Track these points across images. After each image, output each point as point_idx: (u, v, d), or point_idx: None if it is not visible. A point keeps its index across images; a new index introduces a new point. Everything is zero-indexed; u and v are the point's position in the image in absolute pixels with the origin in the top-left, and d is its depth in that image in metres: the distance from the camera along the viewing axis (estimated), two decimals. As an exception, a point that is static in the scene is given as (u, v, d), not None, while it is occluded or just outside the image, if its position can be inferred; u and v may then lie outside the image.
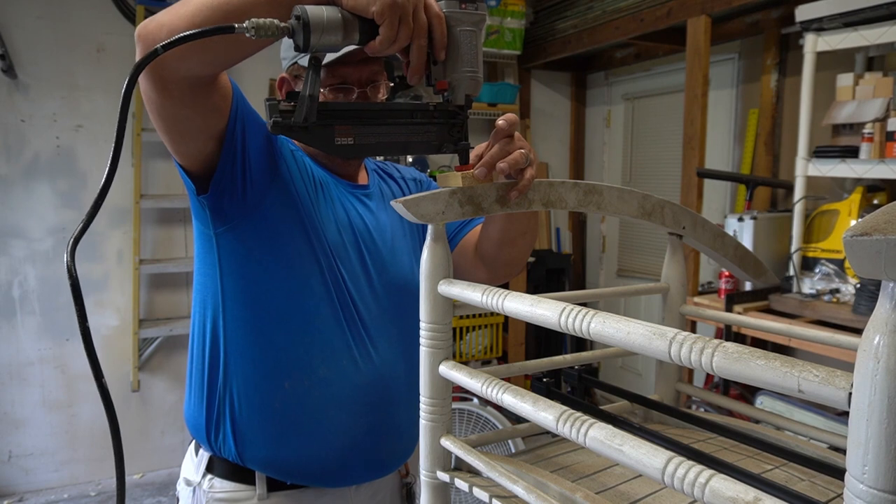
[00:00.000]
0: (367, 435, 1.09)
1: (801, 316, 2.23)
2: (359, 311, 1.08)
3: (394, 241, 1.16)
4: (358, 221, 1.11)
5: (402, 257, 1.17)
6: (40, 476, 3.12)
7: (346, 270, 1.07)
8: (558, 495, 0.70)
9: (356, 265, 1.09)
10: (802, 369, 0.43)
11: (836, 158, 2.23)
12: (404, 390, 1.13)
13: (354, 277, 1.08)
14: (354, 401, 1.07)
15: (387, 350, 1.11)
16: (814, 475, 0.82)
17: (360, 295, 1.09)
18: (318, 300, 1.04)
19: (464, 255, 1.21)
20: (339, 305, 1.06)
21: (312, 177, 1.09)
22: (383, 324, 1.11)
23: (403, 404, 1.13)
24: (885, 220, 0.38)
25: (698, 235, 1.03)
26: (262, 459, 1.06)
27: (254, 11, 0.74)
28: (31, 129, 2.97)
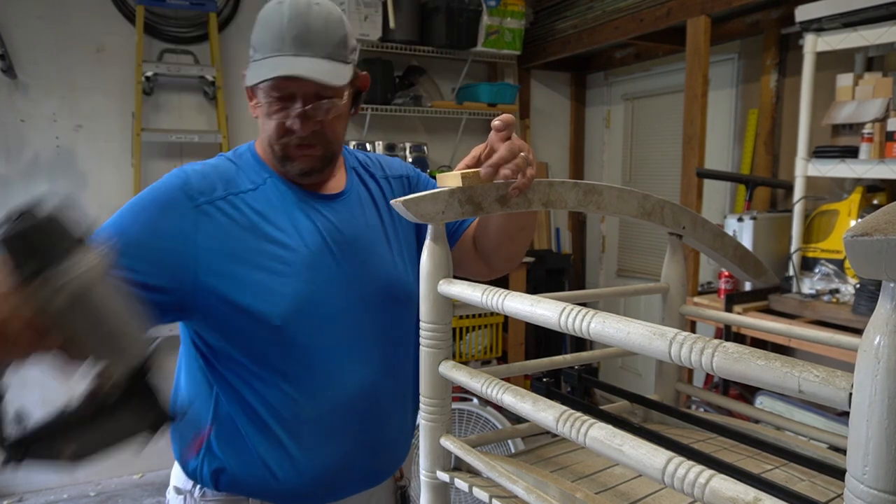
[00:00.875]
0: (361, 452, 1.07)
1: (801, 316, 2.23)
2: (340, 326, 1.03)
3: (374, 247, 1.10)
4: (328, 233, 1.04)
5: (383, 264, 1.10)
6: (40, 476, 3.11)
7: (319, 289, 1.01)
8: (558, 495, 0.70)
9: (330, 280, 1.03)
10: (803, 370, 0.43)
11: (835, 158, 2.23)
12: (394, 400, 1.10)
13: (329, 294, 1.02)
14: (346, 420, 1.04)
15: (373, 361, 1.06)
16: (814, 475, 0.82)
17: (337, 310, 1.03)
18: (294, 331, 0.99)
19: (465, 250, 1.19)
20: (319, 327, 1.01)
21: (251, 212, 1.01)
22: (367, 335, 1.06)
23: (395, 414, 1.11)
24: (886, 221, 0.38)
25: (698, 235, 1.03)
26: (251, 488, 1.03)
27: None
28: (31, 129, 2.97)
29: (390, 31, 3.25)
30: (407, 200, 0.77)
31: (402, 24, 3.28)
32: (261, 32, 1.00)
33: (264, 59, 0.98)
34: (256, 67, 0.99)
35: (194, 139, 3.13)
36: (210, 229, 0.97)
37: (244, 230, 0.99)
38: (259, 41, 1.00)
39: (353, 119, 1.22)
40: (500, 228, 1.11)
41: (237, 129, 3.32)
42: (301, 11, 0.98)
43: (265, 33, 0.99)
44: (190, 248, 0.95)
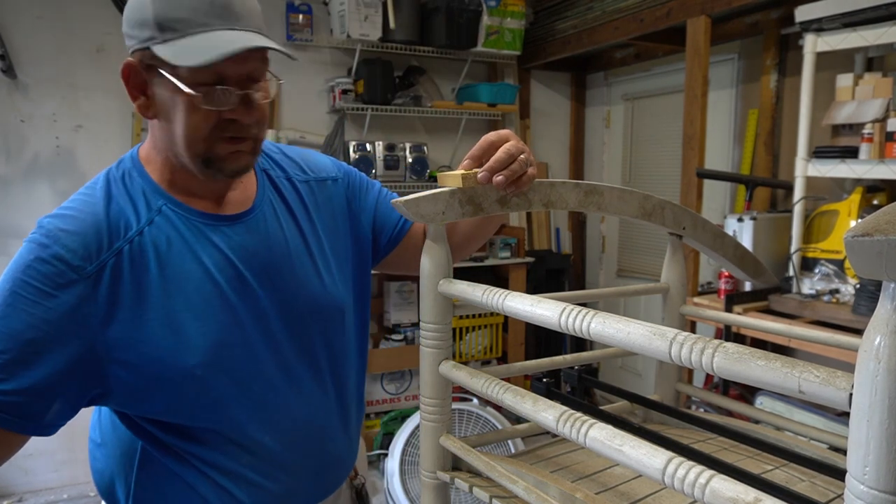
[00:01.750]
0: (308, 477, 1.00)
1: (801, 316, 2.23)
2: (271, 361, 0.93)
3: (294, 267, 0.97)
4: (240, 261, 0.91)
5: (307, 283, 0.97)
6: (40, 476, 3.11)
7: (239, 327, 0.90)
8: (558, 495, 0.70)
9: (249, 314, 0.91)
10: (803, 370, 0.43)
11: (835, 159, 2.23)
12: (339, 416, 1.04)
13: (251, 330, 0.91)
14: (291, 451, 0.96)
15: (312, 387, 0.98)
16: (814, 476, 0.82)
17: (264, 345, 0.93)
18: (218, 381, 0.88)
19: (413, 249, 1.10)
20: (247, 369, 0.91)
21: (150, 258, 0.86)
22: (302, 360, 0.97)
23: (339, 430, 1.04)
24: (886, 221, 0.38)
25: (698, 236, 1.04)
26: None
27: None
28: (31, 129, 2.97)
29: (390, 31, 3.25)
30: (407, 201, 0.77)
31: (402, 25, 3.28)
32: (169, 5, 0.80)
33: (191, 37, 0.80)
34: (182, 46, 0.80)
35: (194, 139, 3.12)
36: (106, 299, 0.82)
37: (143, 287, 0.84)
38: (168, 16, 0.80)
39: (353, 119, 1.19)
40: (470, 232, 1.11)
41: (237, 130, 3.32)
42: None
43: (176, 8, 0.80)
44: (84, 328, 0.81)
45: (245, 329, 0.90)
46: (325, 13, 3.39)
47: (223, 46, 0.80)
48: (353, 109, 3.32)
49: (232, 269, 0.90)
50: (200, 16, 0.81)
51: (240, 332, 0.90)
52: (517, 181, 0.84)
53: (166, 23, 0.80)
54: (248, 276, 0.91)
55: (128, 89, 0.87)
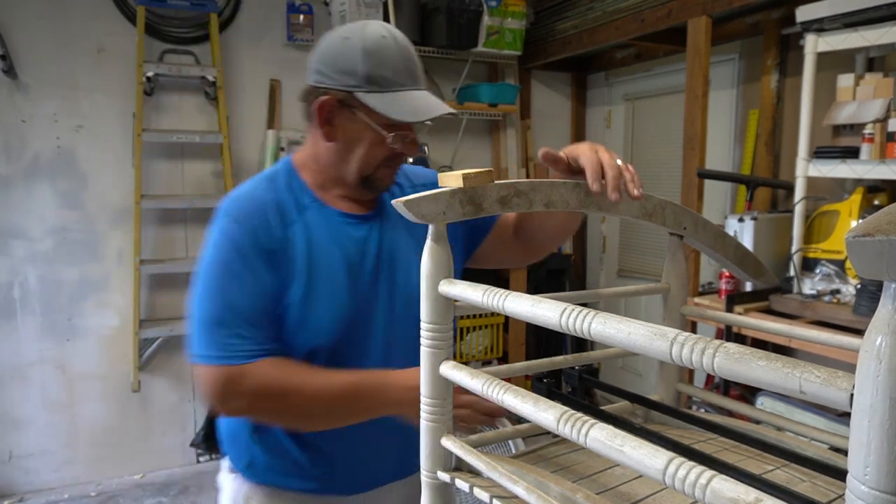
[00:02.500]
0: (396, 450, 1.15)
1: (802, 316, 2.23)
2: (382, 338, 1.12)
3: (410, 259, 1.14)
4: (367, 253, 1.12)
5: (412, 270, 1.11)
6: (40, 476, 3.11)
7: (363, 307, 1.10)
8: (559, 496, 0.70)
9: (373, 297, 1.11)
10: (804, 370, 0.42)
11: (836, 159, 2.23)
12: None
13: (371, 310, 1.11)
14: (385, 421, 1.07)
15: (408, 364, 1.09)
16: (815, 476, 0.81)
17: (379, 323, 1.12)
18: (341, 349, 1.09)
19: (503, 238, 1.26)
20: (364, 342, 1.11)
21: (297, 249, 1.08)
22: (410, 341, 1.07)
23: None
24: (888, 221, 0.38)
25: (699, 236, 1.03)
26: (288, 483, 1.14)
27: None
28: (32, 129, 2.97)
29: (391, 31, 3.25)
30: (408, 201, 0.77)
31: (402, 25, 3.28)
32: (379, 66, 1.05)
33: (394, 93, 1.06)
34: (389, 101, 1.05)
35: (195, 140, 3.13)
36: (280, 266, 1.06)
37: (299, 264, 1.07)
38: (377, 74, 1.05)
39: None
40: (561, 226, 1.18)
41: (237, 130, 3.32)
42: (406, 44, 1.09)
43: (384, 68, 1.05)
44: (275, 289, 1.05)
45: (362, 308, 1.10)
46: (325, 13, 3.39)
47: (424, 111, 1.07)
48: (354, 109, 3.31)
49: (358, 257, 1.11)
50: (398, 76, 1.06)
51: (358, 311, 1.10)
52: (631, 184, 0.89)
53: (373, 78, 1.05)
54: (373, 265, 1.12)
55: (318, 117, 1.09)
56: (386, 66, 1.05)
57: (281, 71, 3.39)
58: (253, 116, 3.37)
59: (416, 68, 1.09)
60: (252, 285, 1.03)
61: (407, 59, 1.08)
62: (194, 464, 3.40)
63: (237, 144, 3.32)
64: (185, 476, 3.28)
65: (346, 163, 1.10)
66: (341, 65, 1.05)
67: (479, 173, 0.82)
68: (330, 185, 1.14)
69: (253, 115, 3.37)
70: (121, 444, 3.25)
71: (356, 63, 1.04)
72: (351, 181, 1.12)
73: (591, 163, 0.89)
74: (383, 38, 1.06)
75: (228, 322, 1.02)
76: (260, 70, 3.36)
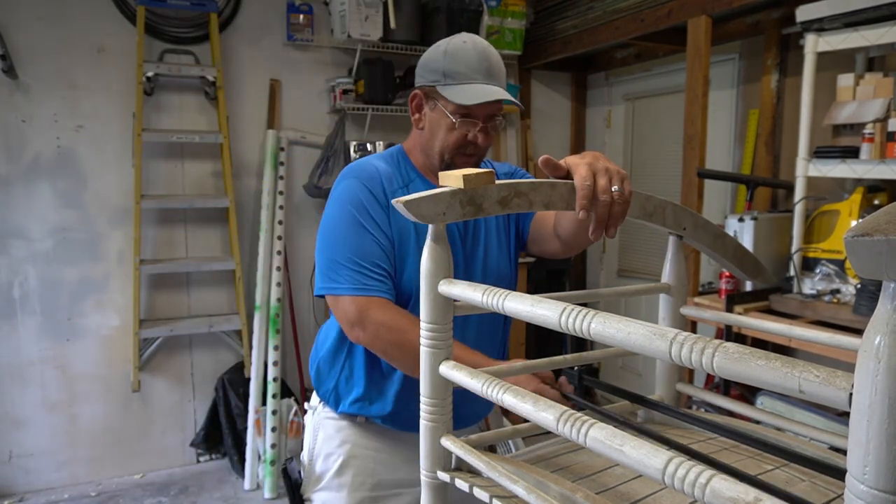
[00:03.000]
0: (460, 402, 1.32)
1: (802, 316, 2.23)
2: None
3: (489, 239, 1.36)
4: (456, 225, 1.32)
5: (492, 252, 1.37)
6: (41, 476, 3.12)
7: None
8: (559, 495, 0.70)
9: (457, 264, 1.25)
10: (803, 370, 0.43)
11: (836, 159, 2.23)
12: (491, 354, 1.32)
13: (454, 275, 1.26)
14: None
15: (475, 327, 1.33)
16: (814, 476, 0.82)
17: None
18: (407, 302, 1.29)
19: (544, 227, 1.37)
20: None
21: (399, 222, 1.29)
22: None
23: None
24: (887, 221, 0.38)
25: (699, 236, 1.04)
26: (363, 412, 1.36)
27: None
28: (32, 129, 2.97)
29: (391, 31, 3.25)
30: (408, 201, 0.77)
31: (402, 25, 3.28)
32: (453, 63, 1.26)
33: (464, 85, 1.25)
34: (458, 90, 1.25)
35: (195, 139, 3.13)
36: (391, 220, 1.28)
37: (400, 226, 1.28)
38: (452, 70, 1.26)
39: (354, 119, 1.35)
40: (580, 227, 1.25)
41: (238, 130, 3.32)
42: (485, 49, 1.28)
43: (458, 64, 1.25)
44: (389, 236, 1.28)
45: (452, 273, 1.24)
46: (325, 13, 3.39)
47: (480, 96, 1.24)
48: (354, 109, 3.32)
49: (452, 228, 1.31)
50: (472, 72, 1.26)
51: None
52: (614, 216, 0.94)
53: (450, 73, 1.26)
54: (459, 237, 1.33)
55: (411, 106, 1.35)
56: (461, 62, 1.25)
57: (281, 71, 3.39)
58: (253, 116, 3.37)
59: (491, 66, 1.27)
60: (373, 233, 1.25)
61: (482, 59, 1.26)
62: (194, 464, 3.40)
63: (237, 144, 3.32)
64: (185, 476, 3.28)
65: (432, 147, 1.32)
66: (430, 65, 1.29)
67: (480, 174, 0.82)
68: (428, 166, 1.36)
69: (253, 115, 3.37)
70: (121, 443, 3.25)
71: (439, 62, 1.27)
72: (437, 165, 1.32)
73: (584, 188, 0.90)
74: (464, 43, 1.27)
75: (357, 262, 1.23)
76: (260, 70, 3.36)
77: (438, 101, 1.29)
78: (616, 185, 0.91)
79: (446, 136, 1.29)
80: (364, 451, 1.37)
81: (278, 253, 3.27)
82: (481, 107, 1.26)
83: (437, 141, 1.30)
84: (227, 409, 3.28)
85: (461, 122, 1.27)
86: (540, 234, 1.40)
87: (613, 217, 0.92)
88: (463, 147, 1.29)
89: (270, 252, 3.26)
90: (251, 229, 3.38)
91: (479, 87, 1.25)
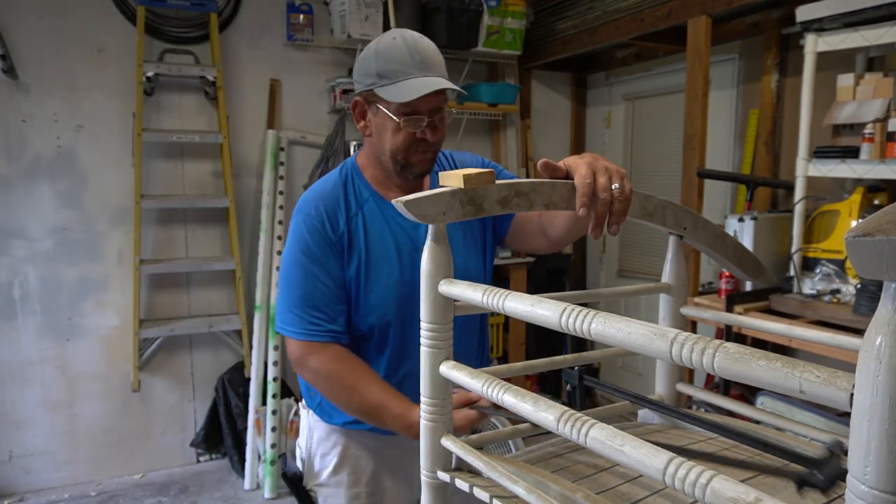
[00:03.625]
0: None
1: (802, 316, 2.23)
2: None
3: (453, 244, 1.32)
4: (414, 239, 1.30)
5: (459, 257, 1.31)
6: (41, 476, 3.12)
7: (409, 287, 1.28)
8: (559, 495, 0.70)
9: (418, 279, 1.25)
10: (804, 370, 0.43)
11: (836, 159, 2.23)
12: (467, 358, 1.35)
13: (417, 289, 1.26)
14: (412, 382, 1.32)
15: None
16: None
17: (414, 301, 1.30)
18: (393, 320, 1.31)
19: (526, 224, 1.36)
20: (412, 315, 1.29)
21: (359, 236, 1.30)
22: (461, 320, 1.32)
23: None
24: (888, 221, 0.38)
25: (699, 236, 1.03)
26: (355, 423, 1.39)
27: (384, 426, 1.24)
28: (32, 129, 2.97)
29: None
30: (408, 201, 0.77)
31: (402, 25, 3.28)
32: (386, 62, 1.22)
33: (400, 83, 1.21)
34: (395, 89, 1.20)
35: (195, 139, 3.13)
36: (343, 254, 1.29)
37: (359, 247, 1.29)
38: (386, 69, 1.21)
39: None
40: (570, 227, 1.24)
41: (238, 130, 3.32)
42: (416, 41, 1.23)
43: (391, 62, 1.21)
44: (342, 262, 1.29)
45: (413, 287, 1.23)
46: (325, 13, 3.39)
47: (418, 89, 1.19)
48: (354, 109, 3.31)
49: (409, 244, 1.31)
50: (406, 67, 1.21)
51: (409, 289, 1.28)
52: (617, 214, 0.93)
53: (383, 73, 1.22)
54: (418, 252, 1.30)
55: (354, 116, 1.32)
56: (393, 60, 1.21)
57: (281, 71, 3.39)
58: (253, 116, 3.37)
59: (425, 58, 1.22)
60: (319, 276, 1.27)
61: (414, 52, 1.21)
62: (194, 464, 3.40)
63: (237, 144, 3.31)
64: (185, 476, 3.28)
65: (383, 152, 1.29)
66: (364, 69, 1.25)
67: (480, 174, 0.82)
68: (385, 179, 1.34)
69: (253, 115, 3.37)
70: (121, 443, 3.25)
71: (371, 64, 1.23)
72: (391, 169, 1.30)
73: (583, 187, 0.90)
74: (393, 39, 1.23)
75: (303, 307, 1.27)
76: (260, 70, 3.36)
77: (379, 104, 1.25)
78: (616, 182, 0.91)
79: (394, 137, 1.25)
80: (357, 452, 1.40)
81: (278, 253, 3.26)
82: (422, 101, 1.21)
83: (386, 145, 1.27)
84: (227, 409, 3.28)
85: (406, 121, 1.23)
86: (522, 230, 1.39)
87: (615, 214, 0.92)
88: (413, 146, 1.26)
89: (270, 252, 3.26)
90: (251, 229, 3.38)
91: (417, 81, 1.20)
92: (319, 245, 1.27)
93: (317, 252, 1.27)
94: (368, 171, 1.35)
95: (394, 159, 1.27)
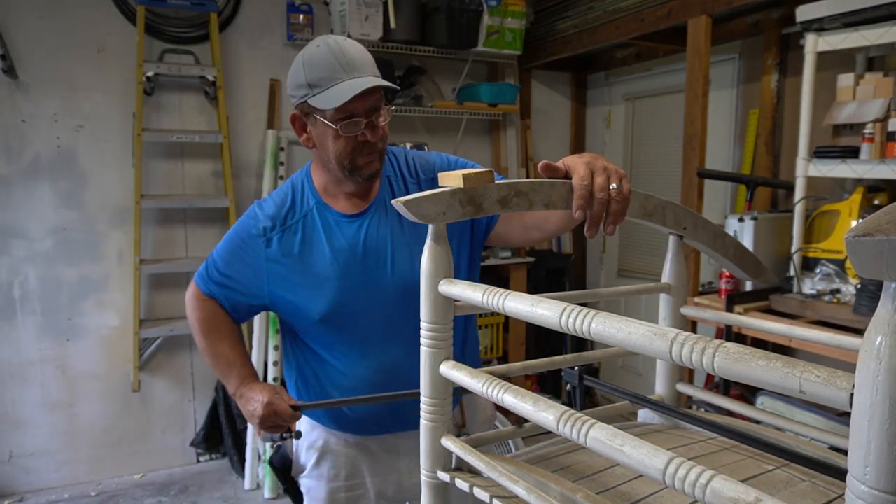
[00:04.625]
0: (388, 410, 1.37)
1: (802, 316, 2.23)
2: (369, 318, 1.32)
3: (395, 251, 1.33)
4: (355, 247, 1.31)
5: (401, 265, 1.32)
6: (41, 476, 3.12)
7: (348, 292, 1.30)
8: (559, 495, 0.70)
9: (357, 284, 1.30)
10: (804, 370, 0.43)
11: (836, 159, 2.23)
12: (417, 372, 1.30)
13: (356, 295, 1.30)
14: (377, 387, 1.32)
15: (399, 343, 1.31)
16: (815, 476, 0.82)
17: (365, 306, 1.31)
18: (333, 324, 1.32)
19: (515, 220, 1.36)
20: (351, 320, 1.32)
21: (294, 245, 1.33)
22: (394, 323, 1.31)
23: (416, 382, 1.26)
24: (887, 221, 0.38)
25: (699, 236, 1.03)
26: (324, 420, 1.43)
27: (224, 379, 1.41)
28: (32, 129, 2.97)
29: (391, 31, 3.25)
30: (408, 201, 0.77)
31: (402, 24, 3.28)
32: (313, 70, 1.22)
33: (329, 89, 1.21)
34: (326, 96, 1.21)
35: (195, 139, 3.13)
36: (272, 257, 1.32)
37: (293, 257, 1.31)
38: (315, 77, 1.22)
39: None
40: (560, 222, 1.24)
41: (238, 130, 3.32)
42: (340, 44, 1.23)
43: (318, 70, 1.22)
44: (262, 273, 1.33)
45: (351, 296, 1.30)
46: (325, 13, 3.39)
47: (348, 91, 1.19)
48: (354, 109, 3.31)
49: (348, 252, 1.31)
50: (334, 73, 1.21)
51: (347, 298, 1.30)
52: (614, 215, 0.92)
53: (313, 82, 1.22)
54: (359, 258, 1.31)
55: (295, 130, 1.33)
56: (320, 67, 1.22)
57: (281, 71, 3.39)
58: (253, 116, 3.37)
59: (350, 60, 1.22)
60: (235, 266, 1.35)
61: (339, 56, 1.22)
62: (194, 463, 3.40)
63: (237, 144, 3.31)
64: (185, 476, 3.28)
65: (328, 161, 1.29)
66: (295, 82, 1.26)
67: (480, 173, 0.82)
68: (333, 187, 1.35)
69: (253, 114, 3.37)
70: (121, 443, 3.25)
71: (301, 75, 1.24)
72: (340, 176, 1.30)
73: (581, 188, 0.89)
74: (317, 47, 1.24)
75: (215, 268, 1.37)
76: (260, 70, 3.36)
77: (316, 114, 1.25)
78: (614, 182, 0.91)
79: (336, 144, 1.25)
80: (337, 447, 1.43)
81: (278, 253, 3.26)
82: (356, 103, 1.21)
83: (329, 153, 1.27)
84: (227, 409, 3.28)
85: (343, 126, 1.23)
86: (509, 228, 1.38)
87: (612, 215, 0.91)
88: (357, 149, 1.26)
89: (270, 252, 3.26)
90: (251, 229, 3.38)
91: (346, 84, 1.20)
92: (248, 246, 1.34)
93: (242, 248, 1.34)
94: (317, 179, 1.36)
95: (340, 165, 1.27)
